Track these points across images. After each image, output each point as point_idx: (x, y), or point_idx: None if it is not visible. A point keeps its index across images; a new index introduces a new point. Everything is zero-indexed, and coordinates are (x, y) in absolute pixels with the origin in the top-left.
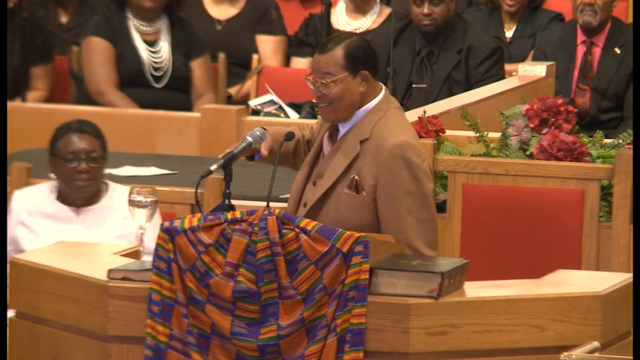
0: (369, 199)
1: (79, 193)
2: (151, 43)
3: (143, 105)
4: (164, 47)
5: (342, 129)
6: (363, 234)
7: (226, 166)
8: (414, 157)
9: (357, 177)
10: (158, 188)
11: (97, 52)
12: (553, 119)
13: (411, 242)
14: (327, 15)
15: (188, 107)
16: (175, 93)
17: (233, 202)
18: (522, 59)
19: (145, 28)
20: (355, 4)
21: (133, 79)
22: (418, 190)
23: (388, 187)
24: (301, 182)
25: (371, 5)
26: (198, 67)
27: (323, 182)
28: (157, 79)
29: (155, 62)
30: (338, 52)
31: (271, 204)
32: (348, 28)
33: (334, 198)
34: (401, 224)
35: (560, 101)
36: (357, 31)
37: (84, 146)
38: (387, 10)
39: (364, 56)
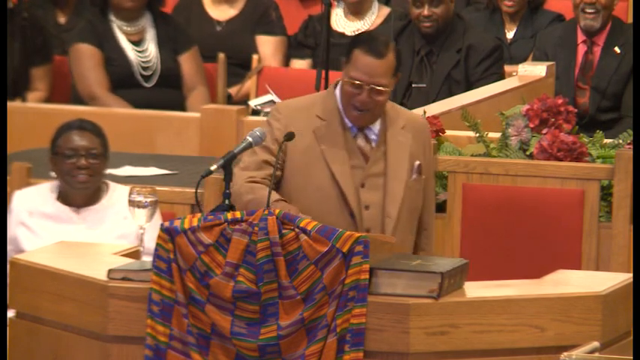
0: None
1: (79, 189)
2: (136, 42)
3: (136, 105)
4: (150, 46)
5: (374, 126)
6: (363, 234)
7: (226, 166)
8: None
9: (417, 161)
10: (158, 188)
11: (85, 58)
12: (553, 119)
13: (433, 214)
14: (327, 15)
15: (181, 103)
16: (167, 90)
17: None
18: (523, 60)
19: (128, 29)
20: (352, 9)
21: (123, 81)
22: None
23: (429, 162)
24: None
25: (368, 6)
26: (186, 62)
27: (394, 178)
28: (147, 78)
29: (143, 62)
30: (391, 57)
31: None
32: (347, 30)
33: (407, 189)
34: (432, 195)
35: (560, 101)
36: (357, 32)
37: (84, 143)
38: (386, 10)
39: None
